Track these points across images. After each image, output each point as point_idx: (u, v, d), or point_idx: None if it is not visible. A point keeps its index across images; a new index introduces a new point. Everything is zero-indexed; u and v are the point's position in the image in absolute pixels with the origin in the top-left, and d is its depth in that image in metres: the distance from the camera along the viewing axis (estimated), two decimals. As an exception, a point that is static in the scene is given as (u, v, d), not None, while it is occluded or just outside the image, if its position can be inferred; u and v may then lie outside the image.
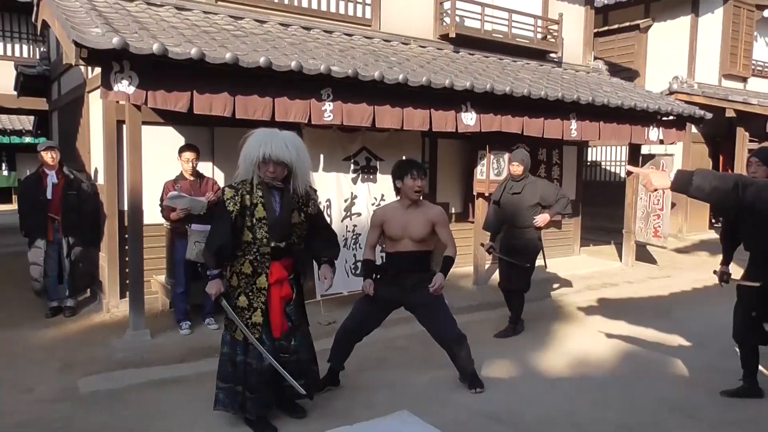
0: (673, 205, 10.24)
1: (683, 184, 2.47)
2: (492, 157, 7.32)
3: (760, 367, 4.33)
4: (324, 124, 5.83)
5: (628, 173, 9.04)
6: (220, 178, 6.38)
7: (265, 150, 3.40)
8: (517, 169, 5.77)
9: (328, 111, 5.74)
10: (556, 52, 9.34)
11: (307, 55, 5.75)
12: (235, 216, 3.44)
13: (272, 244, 3.48)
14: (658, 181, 2.58)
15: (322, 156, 6.29)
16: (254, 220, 3.46)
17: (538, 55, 9.17)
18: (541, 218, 5.66)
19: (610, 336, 5.65)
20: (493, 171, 7.34)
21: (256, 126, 5.84)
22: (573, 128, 7.61)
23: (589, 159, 12.55)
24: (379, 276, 4.31)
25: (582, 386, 4.47)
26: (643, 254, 9.76)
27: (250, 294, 3.49)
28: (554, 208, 5.71)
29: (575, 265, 8.98)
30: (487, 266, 7.90)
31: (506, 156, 7.45)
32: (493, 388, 4.35)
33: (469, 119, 6.71)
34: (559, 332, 5.85)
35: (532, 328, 5.91)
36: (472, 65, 7.64)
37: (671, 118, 8.72)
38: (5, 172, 20.11)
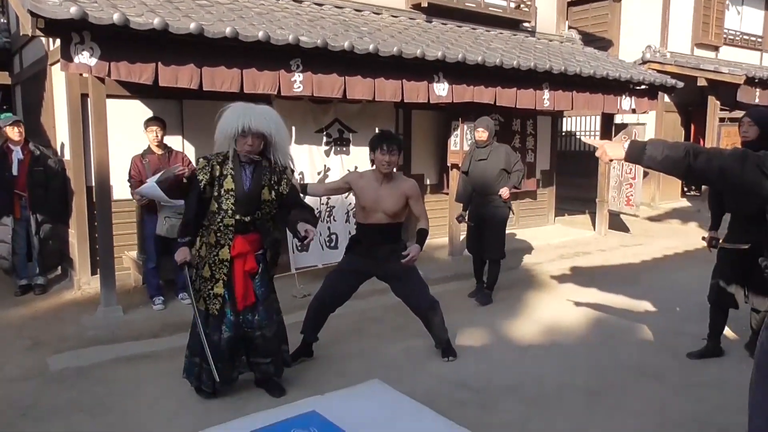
0: (645, 174, 10.37)
1: (637, 154, 2.48)
2: (465, 127, 7.30)
3: (726, 329, 4.46)
4: (294, 95, 5.75)
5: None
6: (190, 151, 6.29)
7: (244, 122, 3.38)
8: (482, 134, 5.84)
9: (297, 82, 5.66)
10: (529, 22, 9.29)
11: (275, 25, 5.64)
12: (204, 186, 3.46)
13: (236, 217, 3.48)
14: (612, 152, 2.59)
15: (294, 128, 6.23)
16: (222, 191, 3.46)
17: (512, 24, 9.11)
18: (504, 191, 5.73)
19: (580, 303, 5.74)
20: (466, 141, 7.33)
21: (225, 98, 5.81)
22: (546, 98, 7.61)
23: (563, 129, 12.60)
24: (351, 247, 4.33)
25: (551, 352, 4.55)
26: (617, 223, 9.90)
27: (213, 265, 3.49)
28: (510, 180, 5.81)
29: (549, 235, 9.08)
30: (461, 237, 7.94)
31: (479, 126, 7.45)
32: (464, 356, 4.41)
33: (441, 90, 6.67)
34: (531, 300, 5.93)
35: (505, 297, 5.98)
36: (444, 35, 7.57)
37: (644, 87, 8.76)
38: (-28, 150, 19.58)
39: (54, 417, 3.47)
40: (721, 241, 4.39)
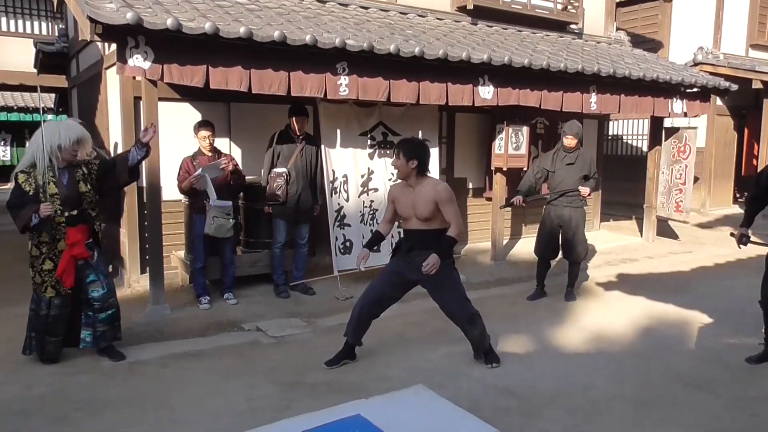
0: (696, 179, 10.06)
1: None
2: (510, 131, 7.23)
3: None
4: (340, 98, 5.80)
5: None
6: (237, 153, 6.40)
7: (61, 141, 4.07)
8: (572, 141, 5.93)
9: (343, 85, 5.70)
10: (576, 24, 9.15)
11: (322, 29, 5.70)
12: (33, 194, 4.00)
13: (66, 214, 4.05)
14: None
15: (338, 131, 6.28)
16: (47, 197, 4.00)
17: (558, 26, 8.98)
18: (585, 190, 5.87)
19: (628, 311, 5.61)
20: (511, 145, 7.26)
21: (271, 101, 5.93)
22: (593, 101, 7.47)
23: (610, 132, 12.35)
24: (395, 251, 4.34)
25: (598, 361, 4.46)
26: (665, 229, 9.63)
27: (54, 257, 4.09)
28: (589, 183, 5.96)
29: (595, 240, 8.88)
30: (505, 242, 7.87)
31: (524, 129, 7.37)
32: (508, 362, 4.36)
33: (486, 93, 6.62)
34: (577, 307, 5.82)
35: (550, 303, 5.89)
36: (489, 37, 7.52)
37: (695, 90, 8.52)
38: (28, 150, 20.36)
39: (106, 410, 3.57)
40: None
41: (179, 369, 4.20)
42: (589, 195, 5.98)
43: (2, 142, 20.13)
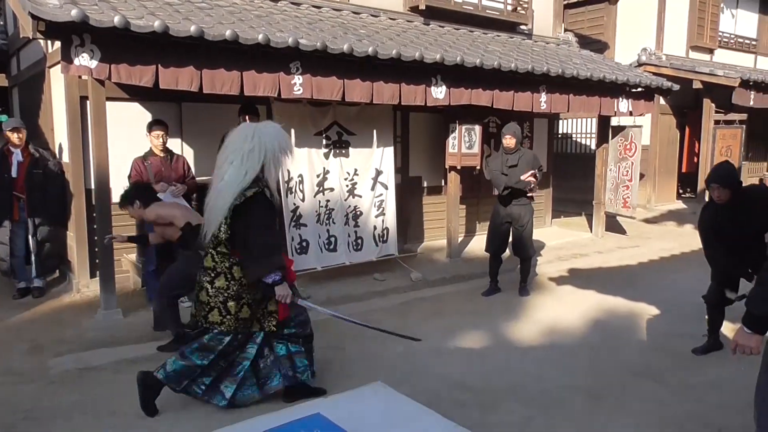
0: (641, 176, 10.42)
1: (758, 322, 2.46)
2: (463, 130, 7.33)
3: (724, 326, 4.56)
4: (294, 98, 5.77)
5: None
6: (189, 154, 6.30)
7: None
8: (510, 141, 6.05)
9: (297, 85, 5.67)
10: (526, 24, 9.33)
11: (275, 28, 5.66)
12: None
13: None
14: (748, 341, 2.47)
15: (293, 131, 6.24)
16: None
17: (509, 27, 9.15)
18: (526, 175, 5.92)
19: (579, 304, 5.78)
20: (464, 144, 7.36)
21: (223, 101, 5.85)
22: (543, 100, 7.65)
23: (559, 131, 12.65)
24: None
25: (551, 354, 4.58)
26: (613, 225, 9.94)
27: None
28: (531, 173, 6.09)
29: (546, 237, 9.10)
30: (460, 239, 7.98)
31: (477, 128, 7.48)
32: (465, 357, 4.43)
33: (438, 93, 6.69)
34: (531, 302, 5.95)
35: (504, 299, 6.01)
36: (442, 38, 7.60)
37: (640, 89, 8.81)
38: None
39: (57, 419, 3.47)
40: None
41: (134, 375, 4.08)
42: (535, 179, 5.98)
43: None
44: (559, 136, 12.66)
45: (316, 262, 6.34)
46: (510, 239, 6.23)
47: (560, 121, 12.57)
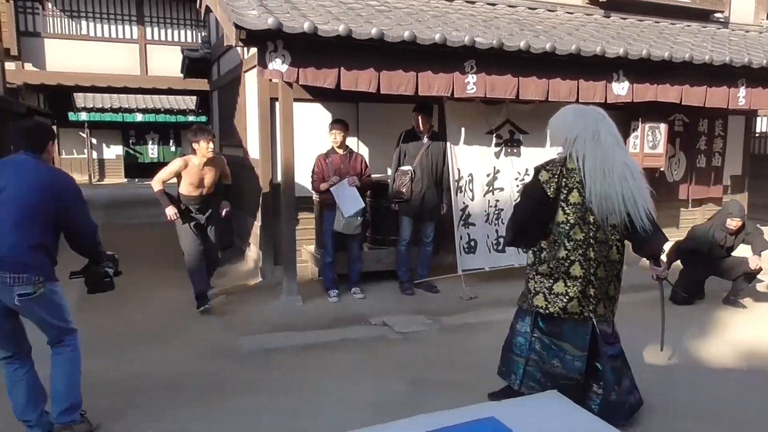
0: None
1: None
2: (647, 128, 6.83)
3: None
4: (467, 96, 5.77)
5: None
6: (364, 151, 6.55)
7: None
8: (738, 223, 5.66)
9: (471, 83, 5.67)
10: (722, 12, 8.45)
11: (451, 27, 5.69)
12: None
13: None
14: None
15: (463, 129, 6.24)
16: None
17: (701, 16, 8.34)
18: (754, 262, 5.62)
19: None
20: (647, 144, 6.86)
21: (397, 101, 6.01)
22: (741, 96, 6.88)
23: (758, 129, 11.31)
24: None
25: (750, 378, 4.10)
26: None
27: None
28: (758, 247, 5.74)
29: (741, 247, 8.17)
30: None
31: (662, 127, 6.94)
32: (647, 374, 4.11)
33: (620, 89, 6.31)
34: (724, 319, 5.39)
35: (694, 314, 5.50)
36: (624, 30, 7.14)
37: None
38: (173, 148, 22.17)
39: (245, 394, 3.78)
40: None
41: (311, 359, 4.38)
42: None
43: (151, 142, 22.02)
44: (758, 135, 11.32)
45: (484, 262, 6.28)
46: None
47: (759, 118, 11.24)
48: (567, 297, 3.24)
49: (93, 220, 3.29)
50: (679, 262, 5.95)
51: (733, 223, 5.60)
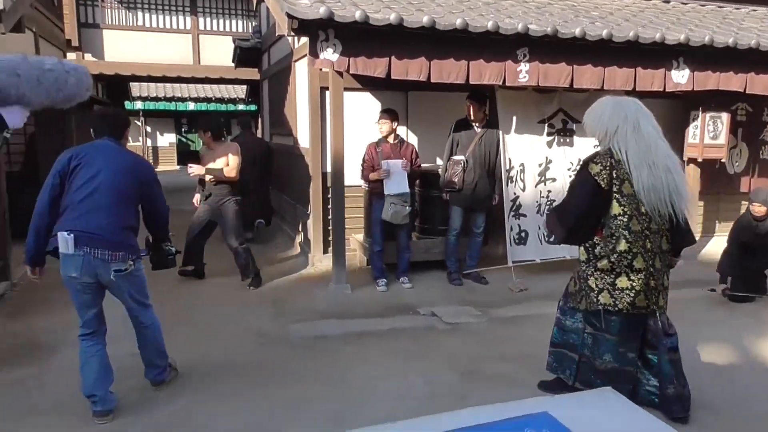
0: None
1: None
2: (707, 117, 6.57)
3: None
4: (519, 85, 5.67)
5: None
6: (413, 140, 6.53)
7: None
8: (761, 209, 5.45)
9: (523, 72, 5.57)
10: (791, -5, 8.03)
11: (503, 15, 5.59)
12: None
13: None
14: None
15: (514, 118, 6.13)
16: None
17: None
18: None
19: None
20: (708, 134, 6.60)
21: (446, 89, 5.95)
22: (813, 83, 6.53)
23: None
24: None
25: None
26: None
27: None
28: None
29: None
30: (696, 239, 7.19)
31: (724, 116, 6.66)
32: (706, 374, 3.98)
33: (680, 77, 6.08)
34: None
35: (754, 311, 5.29)
36: (685, 16, 6.87)
37: None
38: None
39: (295, 381, 3.82)
40: None
41: (360, 347, 4.40)
42: None
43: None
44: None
45: (535, 254, 6.18)
46: None
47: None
48: (633, 291, 3.19)
49: (166, 203, 3.57)
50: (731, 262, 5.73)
51: (755, 209, 5.49)
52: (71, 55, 12.22)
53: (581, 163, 3.37)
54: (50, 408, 3.43)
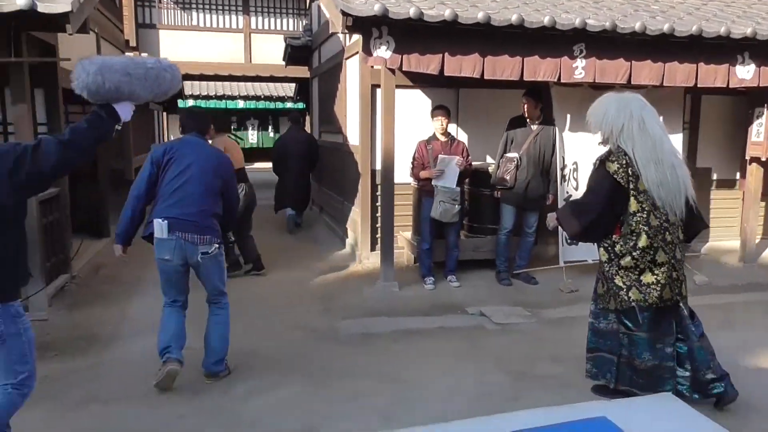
0: None
1: None
2: (773, 115, 6.29)
3: None
4: (574, 82, 5.54)
5: None
6: (464, 138, 6.46)
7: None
8: None
9: (579, 68, 5.45)
10: None
11: (560, 9, 5.47)
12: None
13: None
14: None
15: (569, 116, 6.00)
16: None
17: (844, -10, 7.55)
18: None
19: None
20: (773, 131, 6.31)
21: (499, 86, 5.86)
22: None
23: None
24: None
25: None
26: None
27: None
28: None
29: None
30: (756, 241, 6.91)
31: (792, 114, 6.34)
32: (759, 379, 3.81)
33: (745, 72, 5.84)
34: None
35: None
36: (752, 8, 6.58)
37: None
38: (271, 134, 22.91)
39: (345, 378, 3.82)
40: None
41: (409, 345, 4.38)
42: None
43: (251, 128, 22.87)
44: None
45: (587, 254, 6.02)
46: None
47: None
48: (659, 285, 3.21)
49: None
50: None
51: None
52: (128, 55, 12.60)
53: (597, 161, 3.37)
54: (108, 397, 3.53)
